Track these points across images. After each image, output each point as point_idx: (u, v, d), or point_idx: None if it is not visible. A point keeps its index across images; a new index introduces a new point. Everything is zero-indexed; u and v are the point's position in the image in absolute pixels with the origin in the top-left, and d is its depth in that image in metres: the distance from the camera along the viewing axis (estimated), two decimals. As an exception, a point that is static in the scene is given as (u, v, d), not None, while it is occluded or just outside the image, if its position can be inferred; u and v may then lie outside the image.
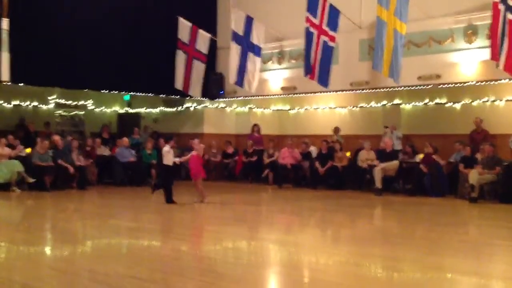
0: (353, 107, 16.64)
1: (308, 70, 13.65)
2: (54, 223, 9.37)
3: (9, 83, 13.67)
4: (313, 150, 15.94)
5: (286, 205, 12.21)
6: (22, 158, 13.63)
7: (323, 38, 13.44)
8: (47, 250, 7.08)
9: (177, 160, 11.54)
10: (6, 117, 16.49)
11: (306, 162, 15.41)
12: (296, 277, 5.63)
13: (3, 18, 13.23)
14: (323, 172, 14.76)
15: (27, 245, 7.17)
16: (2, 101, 16.50)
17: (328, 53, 13.45)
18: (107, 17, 14.80)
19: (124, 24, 15.12)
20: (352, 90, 14.78)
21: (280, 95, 16.60)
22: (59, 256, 6.64)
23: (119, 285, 5.01)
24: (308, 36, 13.53)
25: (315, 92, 15.44)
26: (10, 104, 16.70)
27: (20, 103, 16.90)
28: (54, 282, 5.25)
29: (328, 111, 17.24)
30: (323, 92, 14.77)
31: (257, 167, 16.54)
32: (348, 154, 15.16)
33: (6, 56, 13.19)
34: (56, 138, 14.31)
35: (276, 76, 16.23)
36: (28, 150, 14.12)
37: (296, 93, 16.00)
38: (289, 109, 18.26)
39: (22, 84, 14.20)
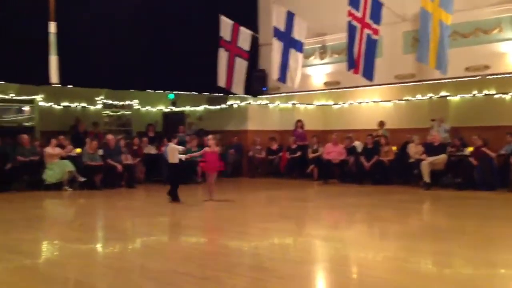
0: (398, 100, 16.40)
1: (352, 65, 13.52)
2: (105, 221, 9.61)
3: (59, 85, 14.04)
4: (358, 145, 15.80)
5: (332, 200, 12.15)
6: (73, 158, 14.01)
7: (367, 31, 13.29)
8: (99, 247, 7.27)
9: (183, 157, 11.50)
10: (56, 118, 16.95)
11: (351, 157, 15.30)
12: (344, 273, 5.62)
13: (51, 22, 13.58)
14: (369, 167, 14.63)
15: (79, 243, 7.37)
16: (52, 103, 16.96)
17: (372, 46, 13.30)
18: (150, 18, 15.03)
19: (167, 24, 15.31)
20: (397, 83, 14.57)
21: (323, 90, 16.52)
22: (111, 253, 6.81)
23: (171, 282, 5.10)
24: (351, 30, 13.40)
25: (358, 86, 15.31)
26: (60, 105, 17.16)
27: (69, 105, 17.34)
28: (107, 279, 5.39)
29: (372, 105, 17.05)
30: (367, 86, 14.63)
31: (301, 163, 16.52)
32: (394, 148, 14.96)
33: (54, 59, 13.54)
34: (109, 137, 14.65)
35: (318, 71, 16.15)
36: (78, 150, 14.50)
37: (340, 88, 15.89)
38: (333, 104, 18.14)
39: (70, 86, 14.58)
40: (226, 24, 15.83)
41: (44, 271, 5.80)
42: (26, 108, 17.63)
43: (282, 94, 17.39)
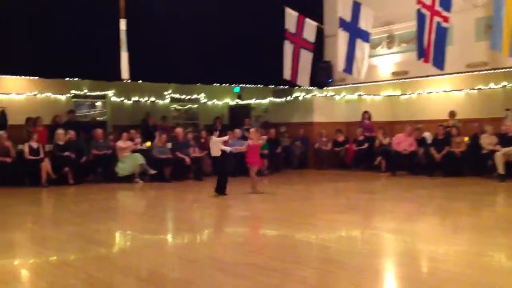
0: (470, 89, 15.85)
1: (422, 53, 13.19)
2: (175, 212, 9.84)
3: (129, 81, 14.49)
4: (428, 135, 15.41)
5: (401, 193, 11.93)
6: (144, 151, 14.44)
7: (436, 19, 12.92)
8: (170, 238, 7.47)
9: (228, 149, 11.46)
10: (127, 113, 17.47)
11: (421, 148, 14.95)
12: (414, 266, 5.52)
13: (121, 19, 14.02)
14: (439, 158, 14.25)
15: (151, 233, 7.60)
16: (123, 98, 17.50)
17: (442, 34, 12.92)
18: (216, 13, 15.19)
19: (232, 17, 15.43)
20: (469, 72, 14.11)
21: (391, 80, 16.21)
22: (182, 244, 6.98)
23: (240, 273, 5.18)
24: (420, 18, 13.06)
25: (428, 76, 14.91)
26: (130, 100, 17.68)
27: (139, 99, 17.83)
28: (178, 269, 5.53)
29: (442, 95, 16.56)
30: (438, 75, 14.24)
31: (369, 154, 16.31)
32: (466, 139, 14.50)
33: (125, 55, 13.99)
34: (178, 130, 15.01)
35: (386, 61, 15.85)
36: (148, 143, 14.91)
37: (408, 78, 15.54)
38: (400, 95, 17.76)
39: (140, 81, 14.99)
40: (291, 16, 15.79)
41: (119, 260, 6.02)
42: (99, 103, 18.27)
43: (348, 86, 17.20)
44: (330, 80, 17.00)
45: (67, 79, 14.62)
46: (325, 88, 17.43)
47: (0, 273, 5.33)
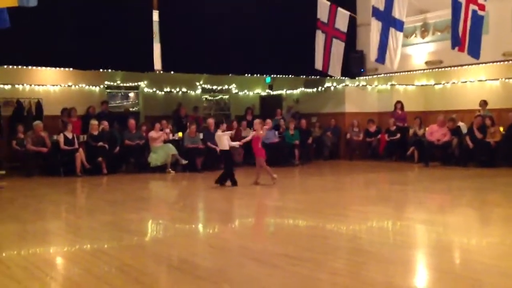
0: (505, 79, 15.51)
1: (457, 42, 12.92)
2: (206, 202, 9.91)
3: (161, 72, 14.61)
4: (462, 125, 15.16)
5: (434, 184, 11.78)
6: (176, 142, 14.57)
7: (472, 7, 12.63)
8: (202, 227, 7.54)
9: (236, 144, 11.48)
10: (159, 103, 17.64)
11: (455, 138, 14.71)
12: (446, 258, 5.47)
13: (154, 11, 14.13)
14: (472, 146, 13.99)
15: (183, 222, 7.70)
16: (155, 89, 17.66)
17: (478, 22, 12.64)
18: (247, 3, 15.17)
19: (264, 8, 15.40)
20: (505, 60, 13.79)
21: (425, 70, 15.96)
22: (213, 233, 7.04)
23: (271, 263, 5.20)
24: (455, 6, 12.79)
25: (463, 65, 14.64)
26: (162, 91, 17.83)
27: (171, 90, 17.97)
28: (210, 257, 5.59)
29: (477, 84, 16.24)
30: (473, 64, 13.97)
31: (401, 145, 16.13)
32: (501, 129, 14.21)
33: (158, 46, 14.11)
34: (210, 121, 15.10)
35: (419, 51, 15.61)
36: (180, 134, 15.03)
37: (442, 67, 15.28)
38: (434, 84, 17.48)
39: (172, 72, 15.10)
40: (323, 5, 15.64)
41: (151, 249, 6.11)
42: (131, 94, 18.49)
43: (381, 75, 17.01)
44: (362, 70, 16.84)
45: (101, 70, 14.84)
46: (357, 78, 17.28)
47: (36, 261, 5.47)
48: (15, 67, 13.70)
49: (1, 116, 13.74)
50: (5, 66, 13.51)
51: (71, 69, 14.73)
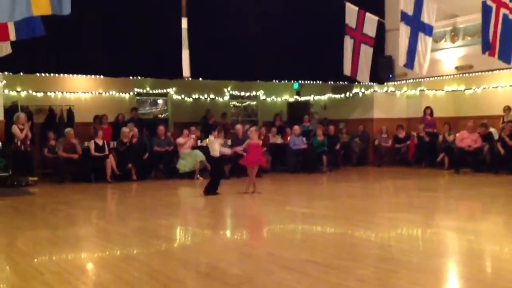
0: (538, 83, 15.24)
1: (487, 47, 12.75)
2: (234, 208, 9.93)
3: (190, 78, 14.73)
4: (494, 131, 14.92)
5: (465, 190, 11.61)
6: (204, 148, 14.63)
7: (503, 11, 12.46)
8: (230, 234, 7.57)
9: (227, 151, 11.38)
10: (187, 110, 17.78)
11: (486, 144, 14.48)
12: (478, 266, 5.38)
13: (183, 18, 14.26)
14: (503, 153, 13.75)
15: (211, 229, 7.74)
16: (183, 95, 17.82)
17: (509, 27, 12.44)
18: (275, 9, 15.21)
19: (291, 14, 15.42)
20: (537, 65, 13.53)
21: (455, 75, 15.76)
22: (241, 240, 7.06)
23: (300, 270, 5.19)
24: (486, 10, 12.63)
25: (494, 70, 14.42)
26: (191, 98, 17.97)
27: (200, 97, 18.10)
28: (238, 264, 5.60)
29: (509, 90, 15.96)
30: (504, 69, 13.74)
31: (431, 151, 15.94)
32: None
33: (186, 53, 14.23)
34: (238, 127, 15.18)
35: (449, 55, 15.43)
36: (208, 140, 15.09)
37: (473, 72, 15.07)
38: (465, 89, 17.24)
39: (200, 78, 15.22)
40: (351, 11, 15.62)
41: (180, 255, 6.15)
42: (160, 101, 18.67)
43: (410, 81, 16.86)
44: (391, 75, 16.72)
45: (131, 77, 15.04)
46: (385, 83, 17.16)
47: (68, 266, 5.56)
48: (47, 75, 13.97)
49: (33, 123, 14.02)
50: (38, 74, 13.80)
51: (101, 76, 14.96)
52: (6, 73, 13.25)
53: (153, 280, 4.97)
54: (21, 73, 13.50)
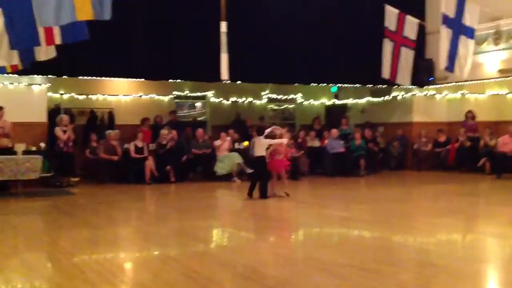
0: None
1: (530, 50, 12.46)
2: (271, 211, 9.93)
3: (228, 82, 14.81)
4: (537, 136, 14.55)
5: (506, 196, 11.34)
6: (242, 151, 14.72)
7: (548, 13, 12.16)
8: (268, 236, 7.57)
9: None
10: (225, 113, 17.88)
11: (529, 149, 14.13)
12: (521, 274, 5.27)
13: (222, 22, 14.35)
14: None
15: (249, 231, 7.77)
16: (221, 98, 17.94)
17: (553, 29, 12.14)
18: (314, 12, 15.16)
19: (330, 16, 15.34)
20: None
21: (497, 78, 15.42)
22: (279, 242, 7.07)
23: (338, 273, 5.18)
24: (530, 12, 12.35)
25: (538, 73, 14.09)
26: (229, 100, 18.09)
27: (237, 100, 18.19)
28: (277, 267, 5.61)
29: (554, 93, 15.56)
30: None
31: (472, 155, 15.62)
32: None
33: (225, 57, 14.29)
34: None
35: (492, 58, 15.11)
36: (246, 143, 15.16)
37: (516, 76, 14.74)
38: (507, 93, 16.84)
39: (239, 82, 15.30)
40: (391, 13, 15.44)
41: (218, 256, 6.20)
42: (198, 104, 18.84)
43: (450, 84, 16.57)
44: (431, 78, 16.46)
45: (170, 80, 15.22)
46: (425, 86, 16.92)
47: (108, 265, 5.67)
48: (89, 78, 14.26)
49: (76, 125, 14.34)
50: (80, 78, 14.11)
51: (142, 80, 15.19)
52: (49, 76, 13.59)
53: (191, 281, 5.03)
54: (64, 76, 13.84)
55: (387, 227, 7.73)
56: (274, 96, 18.84)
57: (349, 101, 19.36)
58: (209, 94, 17.76)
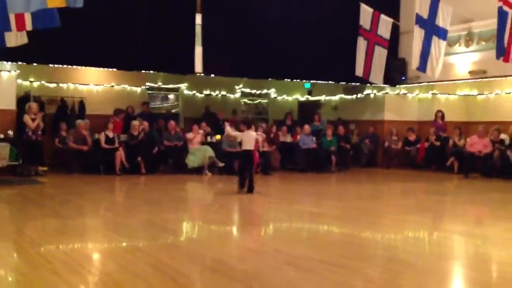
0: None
1: (501, 52, 12.69)
2: (242, 205, 9.93)
3: (202, 75, 14.76)
4: (505, 137, 14.83)
5: (474, 195, 11.57)
6: (213, 144, 14.69)
7: (519, 17, 12.39)
8: (237, 230, 7.59)
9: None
10: (198, 106, 17.81)
11: (497, 150, 14.40)
12: (484, 271, 5.36)
13: (197, 14, 14.28)
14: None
15: (218, 224, 7.75)
16: (195, 91, 17.86)
17: (524, 33, 12.38)
18: (288, 8, 15.19)
19: (305, 14, 15.39)
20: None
21: (468, 79, 15.69)
22: (248, 236, 7.07)
23: (307, 268, 5.20)
24: (502, 16, 12.56)
25: (508, 76, 14.35)
26: (202, 94, 18.02)
27: (210, 93, 18.14)
28: (246, 260, 5.61)
29: (522, 96, 15.89)
30: (518, 75, 13.68)
31: (441, 155, 15.88)
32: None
33: (199, 49, 14.25)
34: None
35: (463, 60, 15.36)
36: (218, 136, 15.14)
37: (486, 77, 15.00)
38: (477, 94, 17.16)
39: (213, 75, 15.24)
40: (366, 12, 15.58)
41: (187, 249, 6.17)
42: (171, 96, 18.73)
43: (422, 84, 16.80)
44: (404, 78, 16.67)
45: (143, 71, 15.10)
46: (397, 86, 17.12)
47: (75, 255, 5.60)
48: (60, 66, 14.04)
49: (45, 114, 14.11)
50: (51, 65, 13.88)
51: (114, 69, 15.02)
52: (19, 63, 13.33)
53: (159, 272, 5.00)
54: (35, 64, 13.59)
55: (356, 223, 7.80)
56: (247, 90, 18.84)
57: (322, 97, 19.48)
58: (183, 86, 17.67)
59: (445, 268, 5.46)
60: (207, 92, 18.06)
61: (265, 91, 19.22)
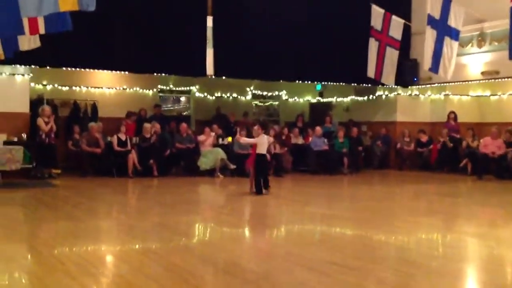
0: None
1: (514, 53, 12.61)
2: (254, 207, 9.93)
3: (213, 77, 14.79)
4: (518, 138, 14.73)
5: (487, 197, 11.48)
6: (225, 146, 14.71)
7: (531, 16, 12.30)
8: (249, 232, 7.59)
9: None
10: (209, 108, 17.85)
11: (510, 152, 14.28)
12: (498, 273, 5.32)
13: (208, 16, 14.33)
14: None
15: (230, 226, 7.76)
16: (206, 94, 17.90)
17: (537, 33, 12.29)
18: (300, 10, 15.18)
19: (317, 15, 15.38)
20: None
21: (480, 80, 15.58)
22: (260, 238, 7.07)
23: (319, 270, 5.19)
24: (514, 15, 12.49)
25: (520, 76, 14.26)
26: (213, 96, 18.05)
27: (222, 95, 18.17)
28: (257, 262, 5.62)
29: (535, 96, 15.76)
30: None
31: (454, 156, 15.78)
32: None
33: (210, 52, 14.29)
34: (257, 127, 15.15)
35: (475, 60, 15.27)
36: (229, 139, 15.16)
37: (499, 78, 14.89)
38: (490, 95, 17.04)
39: (224, 77, 15.27)
40: (377, 13, 15.54)
41: (199, 251, 6.18)
42: (183, 98, 18.79)
43: (434, 85, 16.71)
44: (415, 79, 16.59)
45: (155, 74, 15.16)
46: (409, 87, 17.04)
47: (89, 258, 5.63)
48: (73, 69, 14.14)
49: (58, 117, 14.20)
50: (64, 68, 13.98)
51: (126, 72, 15.10)
52: (32, 66, 13.44)
53: (172, 274, 5.02)
54: (48, 67, 13.70)
55: (368, 225, 7.77)
56: (258, 92, 18.85)
57: (334, 99, 19.44)
58: (194, 88, 17.72)
59: (458, 270, 5.42)
60: (218, 94, 18.09)
61: (276, 93, 19.21)
